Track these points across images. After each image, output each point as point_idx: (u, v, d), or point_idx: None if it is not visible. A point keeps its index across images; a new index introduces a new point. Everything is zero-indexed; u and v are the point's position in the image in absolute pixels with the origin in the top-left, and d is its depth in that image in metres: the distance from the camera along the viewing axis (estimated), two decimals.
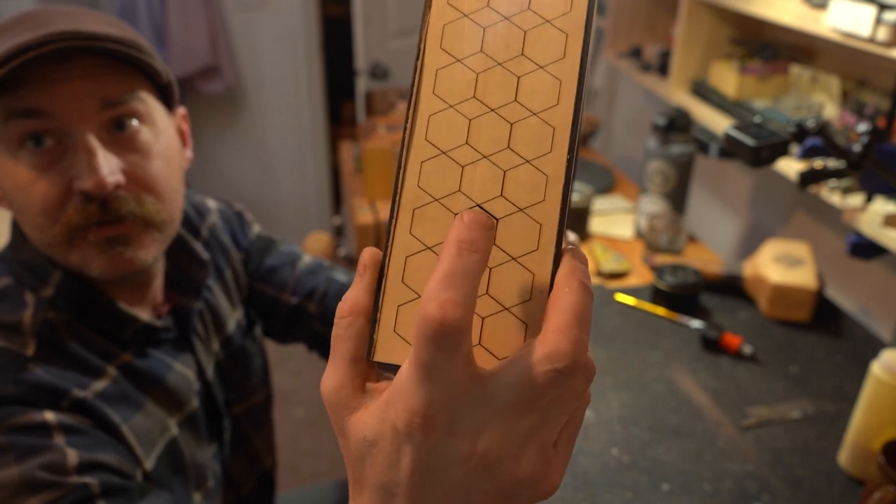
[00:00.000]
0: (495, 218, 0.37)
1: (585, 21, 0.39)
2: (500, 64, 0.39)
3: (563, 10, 0.39)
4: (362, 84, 2.32)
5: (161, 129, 0.68)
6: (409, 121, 0.38)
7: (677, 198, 1.40)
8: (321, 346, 0.93)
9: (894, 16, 0.93)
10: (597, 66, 2.42)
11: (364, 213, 1.58)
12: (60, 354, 0.64)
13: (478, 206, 0.37)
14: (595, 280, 1.31)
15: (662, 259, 1.30)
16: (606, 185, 1.72)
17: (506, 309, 0.36)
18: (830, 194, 1.11)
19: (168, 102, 0.71)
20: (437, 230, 0.37)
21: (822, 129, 0.92)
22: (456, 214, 0.37)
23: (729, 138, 1.01)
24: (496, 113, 0.38)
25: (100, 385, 0.65)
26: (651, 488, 0.82)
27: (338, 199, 3.18)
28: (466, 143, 0.38)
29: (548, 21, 0.39)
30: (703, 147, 1.44)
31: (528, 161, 0.38)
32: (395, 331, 0.36)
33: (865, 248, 1.09)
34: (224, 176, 2.95)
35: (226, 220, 0.90)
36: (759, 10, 1.22)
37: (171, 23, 2.50)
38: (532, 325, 0.35)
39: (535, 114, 0.38)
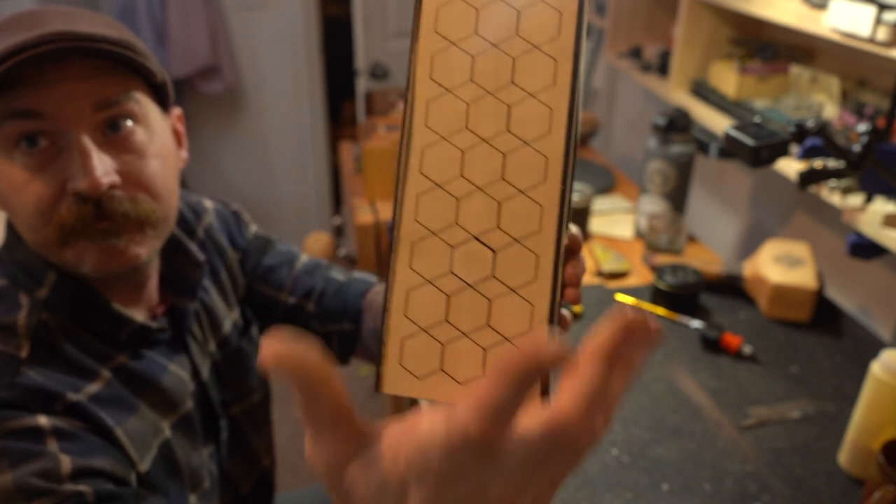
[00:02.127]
0: (492, 250, 0.37)
1: (574, 46, 0.39)
2: (490, 93, 0.39)
3: (552, 36, 0.39)
4: (362, 84, 2.32)
5: (156, 130, 0.68)
6: (404, 154, 0.38)
7: (677, 198, 1.40)
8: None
9: (894, 16, 0.93)
10: (597, 65, 2.42)
11: (364, 213, 1.58)
12: (55, 356, 0.64)
13: (474, 238, 0.38)
14: (595, 280, 1.31)
15: (662, 259, 1.30)
16: (606, 185, 1.72)
17: (507, 339, 0.36)
18: (830, 194, 1.11)
19: (163, 103, 0.71)
20: (436, 263, 0.38)
21: (822, 129, 0.92)
22: (454, 247, 0.37)
23: (729, 138, 1.01)
24: (489, 144, 0.38)
25: (93, 388, 0.65)
26: (651, 488, 0.82)
27: (338, 200, 3.18)
28: (461, 175, 0.38)
29: (536, 47, 0.39)
30: (702, 147, 1.44)
31: (521, 192, 0.38)
32: (400, 364, 0.37)
33: (865, 248, 1.09)
34: (224, 176, 2.95)
35: (222, 219, 0.89)
36: (759, 11, 1.22)
37: (171, 23, 2.50)
38: None
39: (527, 143, 0.38)
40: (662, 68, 1.66)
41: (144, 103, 0.66)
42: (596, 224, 1.51)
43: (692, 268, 1.19)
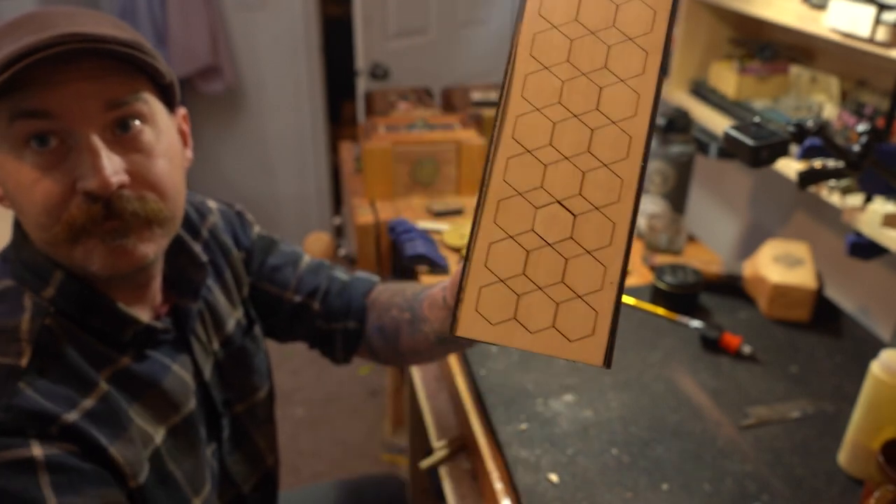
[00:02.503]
0: (573, 214, 0.42)
1: (665, 41, 0.44)
2: (584, 74, 0.43)
3: (645, 30, 0.44)
4: (362, 84, 2.32)
5: (163, 129, 0.68)
6: (499, 120, 0.43)
7: (677, 198, 1.40)
8: (322, 344, 0.93)
9: (893, 16, 0.93)
10: None
11: (364, 213, 1.58)
12: (55, 365, 0.64)
13: (558, 202, 0.42)
14: None
15: (662, 259, 1.31)
16: None
17: (579, 297, 0.40)
18: (830, 194, 1.11)
19: (170, 103, 0.71)
20: (520, 221, 0.42)
21: (822, 129, 0.92)
22: (537, 208, 0.42)
23: (728, 138, 1.01)
24: (579, 119, 0.43)
25: (90, 402, 0.64)
26: (650, 488, 0.82)
27: (338, 200, 3.18)
28: (550, 144, 0.42)
29: (630, 39, 0.44)
30: (702, 147, 1.44)
31: (605, 165, 0.42)
32: (476, 310, 0.41)
33: (865, 248, 1.09)
34: (224, 176, 2.95)
35: (227, 220, 0.90)
36: (759, 11, 1.22)
37: (172, 23, 2.50)
38: (602, 313, 0.40)
39: (614, 122, 0.43)
40: (662, 68, 1.66)
41: (152, 103, 0.67)
42: None
43: (692, 268, 1.19)
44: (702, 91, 1.50)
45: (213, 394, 0.80)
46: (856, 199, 1.07)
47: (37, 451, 0.59)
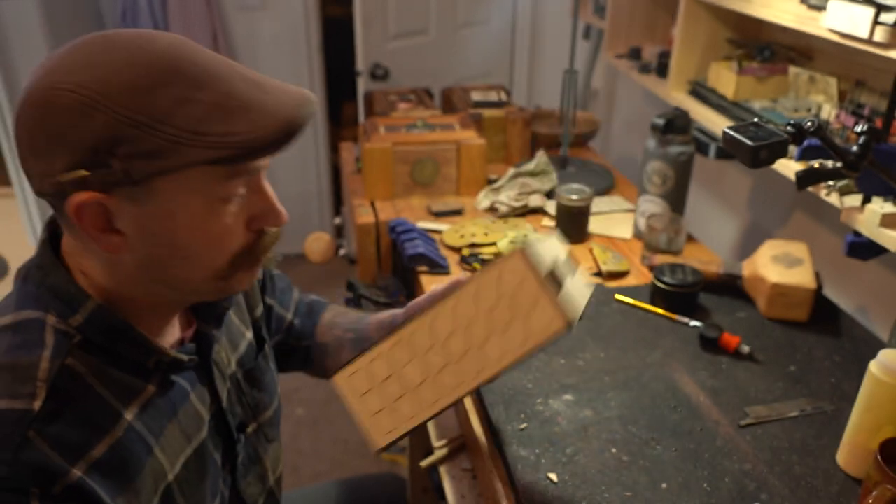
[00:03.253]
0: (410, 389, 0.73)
1: (477, 385, 0.70)
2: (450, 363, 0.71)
3: (498, 357, 0.69)
4: (362, 84, 2.32)
5: None
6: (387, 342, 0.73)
7: (676, 198, 1.40)
8: (284, 358, 1.01)
9: (892, 17, 0.93)
10: (596, 66, 2.43)
11: (364, 213, 1.58)
12: (71, 406, 0.61)
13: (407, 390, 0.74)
14: (594, 280, 1.31)
15: (661, 259, 1.31)
16: (606, 186, 1.72)
17: (397, 412, 0.74)
18: (828, 194, 1.11)
19: None
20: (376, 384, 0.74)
21: (820, 129, 0.92)
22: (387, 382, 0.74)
23: (727, 138, 1.01)
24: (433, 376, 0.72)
25: (100, 450, 0.62)
26: (650, 487, 0.83)
27: (339, 200, 3.18)
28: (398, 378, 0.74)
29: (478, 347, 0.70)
30: (701, 147, 1.45)
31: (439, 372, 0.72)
32: (358, 396, 0.75)
33: (863, 248, 1.10)
34: None
35: None
36: (758, 11, 1.23)
37: (172, 23, 2.50)
38: (398, 428, 0.75)
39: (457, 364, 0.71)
40: (661, 69, 1.67)
41: None
42: (595, 224, 1.52)
43: (691, 267, 1.20)
44: (701, 91, 1.51)
45: (229, 419, 0.80)
46: (854, 200, 1.08)
47: None
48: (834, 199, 1.10)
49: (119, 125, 0.55)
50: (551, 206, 1.57)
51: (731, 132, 1.00)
